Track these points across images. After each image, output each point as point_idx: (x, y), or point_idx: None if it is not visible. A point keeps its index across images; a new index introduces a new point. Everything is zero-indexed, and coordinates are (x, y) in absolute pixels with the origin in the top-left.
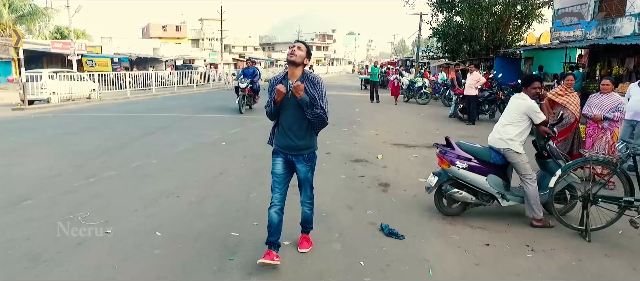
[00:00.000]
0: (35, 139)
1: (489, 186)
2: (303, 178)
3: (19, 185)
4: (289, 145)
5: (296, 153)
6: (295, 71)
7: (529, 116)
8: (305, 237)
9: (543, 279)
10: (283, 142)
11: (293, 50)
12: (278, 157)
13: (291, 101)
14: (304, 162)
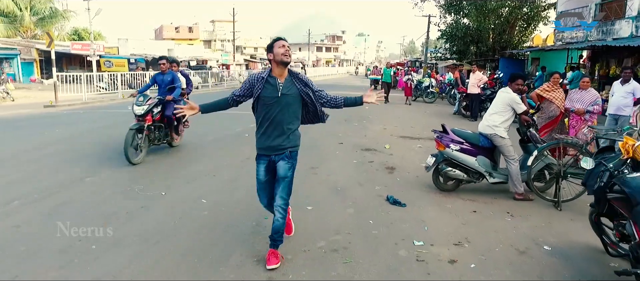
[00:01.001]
0: (73, 132)
1: (478, 165)
2: (281, 175)
3: (79, 165)
4: (272, 145)
5: (279, 151)
6: (284, 70)
7: (512, 107)
8: (273, 252)
9: (516, 233)
10: (266, 142)
11: (287, 51)
12: (261, 162)
13: (281, 100)
14: (286, 159)
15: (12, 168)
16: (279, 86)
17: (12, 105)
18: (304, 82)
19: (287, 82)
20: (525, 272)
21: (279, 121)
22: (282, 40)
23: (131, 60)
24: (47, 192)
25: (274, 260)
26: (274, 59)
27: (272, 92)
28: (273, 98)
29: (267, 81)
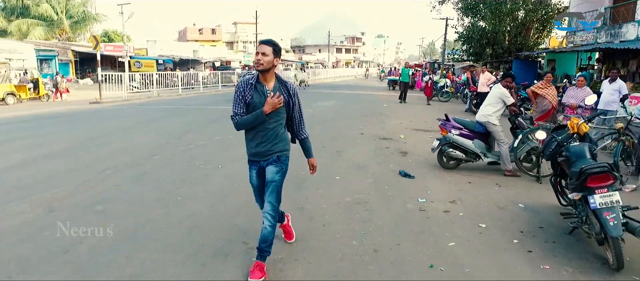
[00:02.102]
0: (128, 124)
1: (474, 147)
2: (269, 179)
3: (145, 148)
4: (260, 152)
5: (267, 157)
6: (267, 76)
7: (503, 99)
8: (258, 265)
9: (499, 197)
10: (255, 149)
11: (257, 59)
12: (252, 167)
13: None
14: (274, 163)
15: (92, 149)
16: (267, 93)
17: (60, 102)
18: (290, 93)
19: (274, 89)
20: (501, 219)
21: (265, 127)
22: (261, 44)
23: (159, 61)
24: (127, 165)
25: (258, 274)
26: None
27: (259, 98)
28: (260, 105)
29: (255, 87)
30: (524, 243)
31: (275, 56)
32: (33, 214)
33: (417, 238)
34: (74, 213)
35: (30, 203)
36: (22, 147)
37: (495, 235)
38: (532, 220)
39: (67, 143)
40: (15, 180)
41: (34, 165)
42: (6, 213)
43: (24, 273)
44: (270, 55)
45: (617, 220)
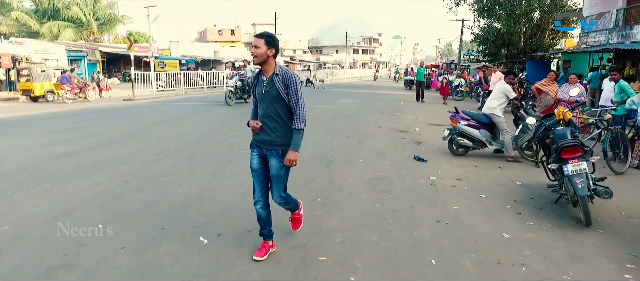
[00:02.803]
0: (166, 117)
1: (480, 136)
2: (274, 175)
3: (188, 137)
4: (263, 139)
5: (270, 147)
6: (266, 67)
7: (506, 94)
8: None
9: (500, 176)
10: (258, 135)
11: (252, 53)
12: (254, 151)
13: (265, 96)
14: (277, 158)
15: (142, 137)
16: (263, 82)
17: (97, 99)
18: (286, 82)
19: (270, 80)
20: (498, 192)
21: (265, 116)
22: (255, 37)
23: (182, 61)
24: (177, 149)
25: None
26: None
27: (258, 88)
28: (259, 94)
29: (257, 77)
30: (515, 208)
31: (268, 47)
32: (114, 184)
33: (427, 203)
34: (146, 184)
35: (108, 176)
36: (84, 135)
37: (492, 203)
38: (525, 193)
39: (119, 133)
40: (90, 160)
41: (99, 149)
42: (93, 183)
43: (124, 221)
44: (263, 47)
45: (584, 183)
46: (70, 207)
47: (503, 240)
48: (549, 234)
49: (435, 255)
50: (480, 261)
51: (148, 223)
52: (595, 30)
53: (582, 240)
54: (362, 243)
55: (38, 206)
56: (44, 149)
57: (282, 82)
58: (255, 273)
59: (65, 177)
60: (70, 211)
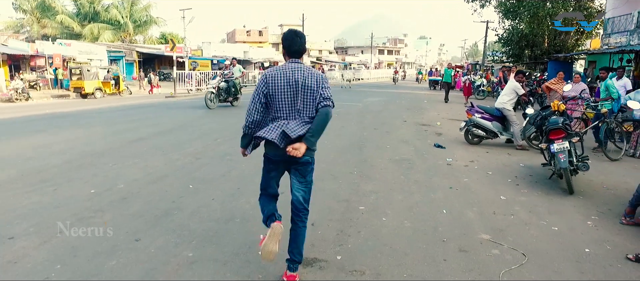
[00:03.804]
0: (210, 111)
1: (493, 127)
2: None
3: (237, 127)
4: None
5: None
6: None
7: (515, 90)
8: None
9: (508, 160)
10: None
11: None
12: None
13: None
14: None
15: (196, 126)
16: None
17: (143, 95)
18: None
19: None
20: (503, 170)
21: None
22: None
23: (214, 61)
24: (230, 137)
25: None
26: None
27: None
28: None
29: None
30: (515, 181)
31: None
32: (187, 160)
33: (443, 176)
34: (213, 160)
35: (181, 154)
36: (146, 125)
37: (496, 177)
38: (526, 172)
39: (175, 124)
40: (160, 143)
41: (163, 136)
42: (170, 159)
43: (207, 183)
44: None
45: (565, 158)
46: (162, 175)
47: (500, 200)
48: (537, 198)
49: (446, 208)
50: (480, 212)
51: (225, 186)
52: (617, 31)
53: (563, 202)
54: (390, 200)
55: (137, 173)
56: (117, 136)
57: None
58: (314, 217)
59: (146, 155)
60: (164, 177)
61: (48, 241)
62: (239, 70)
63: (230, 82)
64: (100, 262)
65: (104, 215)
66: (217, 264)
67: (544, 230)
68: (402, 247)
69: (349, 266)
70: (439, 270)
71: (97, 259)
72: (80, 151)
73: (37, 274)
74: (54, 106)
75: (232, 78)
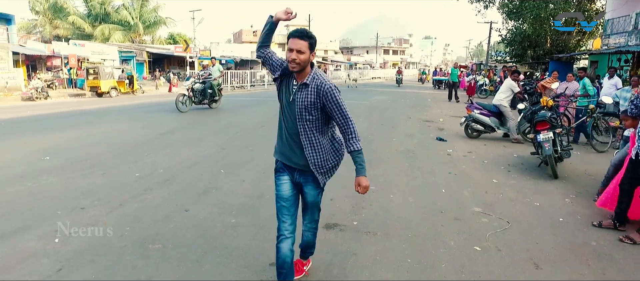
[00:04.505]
0: (227, 108)
1: (490, 122)
2: (311, 202)
3: (254, 122)
4: (293, 159)
5: (302, 169)
6: (301, 74)
7: (511, 88)
8: (300, 262)
9: (503, 151)
10: (286, 153)
11: (293, 59)
12: (283, 175)
13: (293, 107)
14: (313, 184)
15: (217, 122)
16: (293, 88)
17: (158, 94)
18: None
19: (304, 86)
20: (498, 160)
21: (294, 133)
22: (295, 38)
23: (222, 61)
24: (250, 130)
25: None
26: None
27: (285, 93)
28: (286, 102)
29: (288, 75)
30: (507, 168)
31: (311, 52)
32: (214, 150)
33: (443, 164)
34: (237, 150)
35: (208, 145)
36: (169, 121)
37: (491, 165)
38: (518, 161)
39: (195, 119)
40: (186, 136)
41: (187, 130)
42: (199, 149)
43: (235, 168)
44: (306, 52)
45: (550, 146)
46: (194, 162)
47: (492, 183)
48: (525, 182)
49: (444, 188)
50: (473, 192)
51: (252, 170)
52: (616, 32)
53: (547, 185)
54: (397, 182)
55: (171, 161)
56: (145, 130)
57: (315, 93)
58: (331, 193)
59: (176, 146)
60: (197, 164)
61: (113, 211)
62: (218, 70)
63: (206, 83)
64: (160, 226)
65: (153, 192)
66: (255, 228)
67: (527, 205)
68: (407, 216)
69: (364, 229)
70: (437, 232)
71: (157, 224)
72: (115, 143)
73: (112, 234)
74: (75, 104)
75: (209, 79)
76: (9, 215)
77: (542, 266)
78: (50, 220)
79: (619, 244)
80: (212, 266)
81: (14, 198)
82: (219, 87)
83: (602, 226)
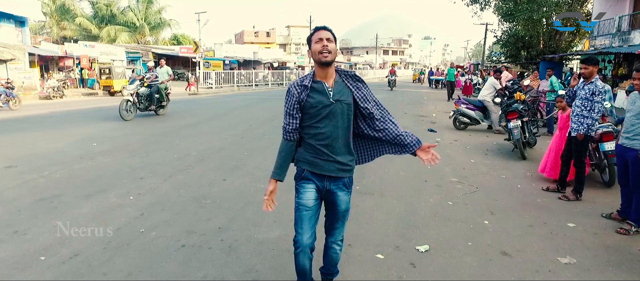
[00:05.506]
0: (237, 105)
1: (475, 116)
2: (343, 211)
3: (264, 117)
4: (328, 167)
5: (338, 175)
6: (329, 70)
7: (494, 86)
8: None
9: (486, 141)
10: (318, 163)
11: (324, 46)
12: (308, 184)
13: (335, 108)
14: (345, 189)
15: (230, 117)
16: (329, 91)
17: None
18: (357, 79)
19: (338, 85)
20: (479, 147)
21: (338, 134)
22: (321, 29)
23: (226, 61)
24: (262, 123)
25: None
26: (313, 57)
27: (320, 99)
28: (323, 106)
29: (312, 87)
30: (485, 153)
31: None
32: (234, 139)
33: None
34: (255, 138)
35: (228, 135)
36: (186, 116)
37: (472, 150)
38: (496, 148)
39: (210, 115)
40: (206, 129)
41: (206, 124)
42: (222, 137)
43: (256, 152)
44: (334, 41)
45: (518, 132)
46: (220, 147)
47: (470, 162)
48: (498, 162)
49: (430, 166)
50: (454, 168)
51: (271, 152)
52: (602, 34)
53: (515, 164)
54: (391, 160)
55: (201, 146)
56: (168, 123)
57: (352, 80)
58: None
59: (201, 135)
60: (223, 148)
61: (166, 180)
62: (166, 72)
63: (153, 87)
64: (206, 189)
65: (194, 168)
66: (280, 191)
67: (494, 177)
68: (398, 183)
69: (364, 191)
70: (420, 193)
71: (203, 188)
72: (147, 133)
73: (171, 193)
74: (92, 102)
75: (156, 83)
76: (86, 183)
77: (496, 213)
78: (119, 186)
79: (557, 201)
80: (252, 213)
81: (83, 173)
82: (166, 91)
83: (549, 189)
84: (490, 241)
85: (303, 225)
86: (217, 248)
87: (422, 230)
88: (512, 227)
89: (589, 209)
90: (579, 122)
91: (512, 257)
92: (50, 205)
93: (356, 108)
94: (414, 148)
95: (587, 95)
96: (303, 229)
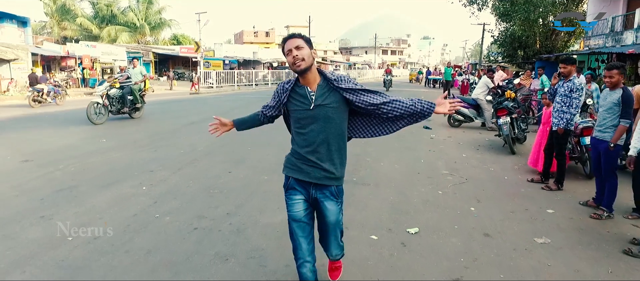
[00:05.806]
0: (239, 104)
1: (469, 113)
2: (333, 222)
3: None
4: (313, 174)
5: (323, 183)
6: (309, 76)
7: (487, 85)
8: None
9: (478, 137)
10: (303, 169)
11: (295, 57)
12: (296, 195)
13: (317, 114)
14: (333, 198)
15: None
16: (311, 96)
17: (168, 93)
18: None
19: (321, 88)
20: (472, 142)
21: (321, 140)
22: (288, 40)
23: (226, 61)
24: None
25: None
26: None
27: (301, 104)
28: (304, 110)
29: (294, 91)
30: (477, 148)
31: (310, 48)
32: (238, 134)
33: (426, 145)
34: (255, 134)
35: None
36: (188, 115)
37: (465, 145)
38: (488, 143)
39: (214, 113)
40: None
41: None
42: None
43: (259, 146)
44: (306, 47)
45: (508, 128)
46: (224, 143)
47: (462, 157)
48: (488, 156)
49: (423, 160)
50: (446, 162)
51: (272, 147)
52: (596, 34)
53: (504, 158)
54: (387, 154)
55: (206, 142)
56: (174, 121)
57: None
58: None
59: (204, 131)
60: (227, 144)
61: (175, 173)
62: (139, 73)
63: (125, 89)
64: (214, 181)
65: (201, 162)
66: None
67: (483, 169)
68: (393, 175)
69: (361, 182)
70: (413, 184)
71: (211, 180)
72: (153, 131)
73: (181, 184)
74: None
75: (128, 83)
76: (100, 175)
77: (482, 201)
78: (131, 177)
79: (541, 191)
80: (258, 201)
81: (96, 166)
82: (140, 93)
83: (534, 181)
84: (475, 225)
85: (298, 237)
86: (227, 230)
87: (413, 216)
88: (496, 213)
89: (569, 197)
90: (559, 117)
91: (493, 238)
92: (70, 194)
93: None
94: (431, 110)
95: (566, 92)
96: (299, 241)
